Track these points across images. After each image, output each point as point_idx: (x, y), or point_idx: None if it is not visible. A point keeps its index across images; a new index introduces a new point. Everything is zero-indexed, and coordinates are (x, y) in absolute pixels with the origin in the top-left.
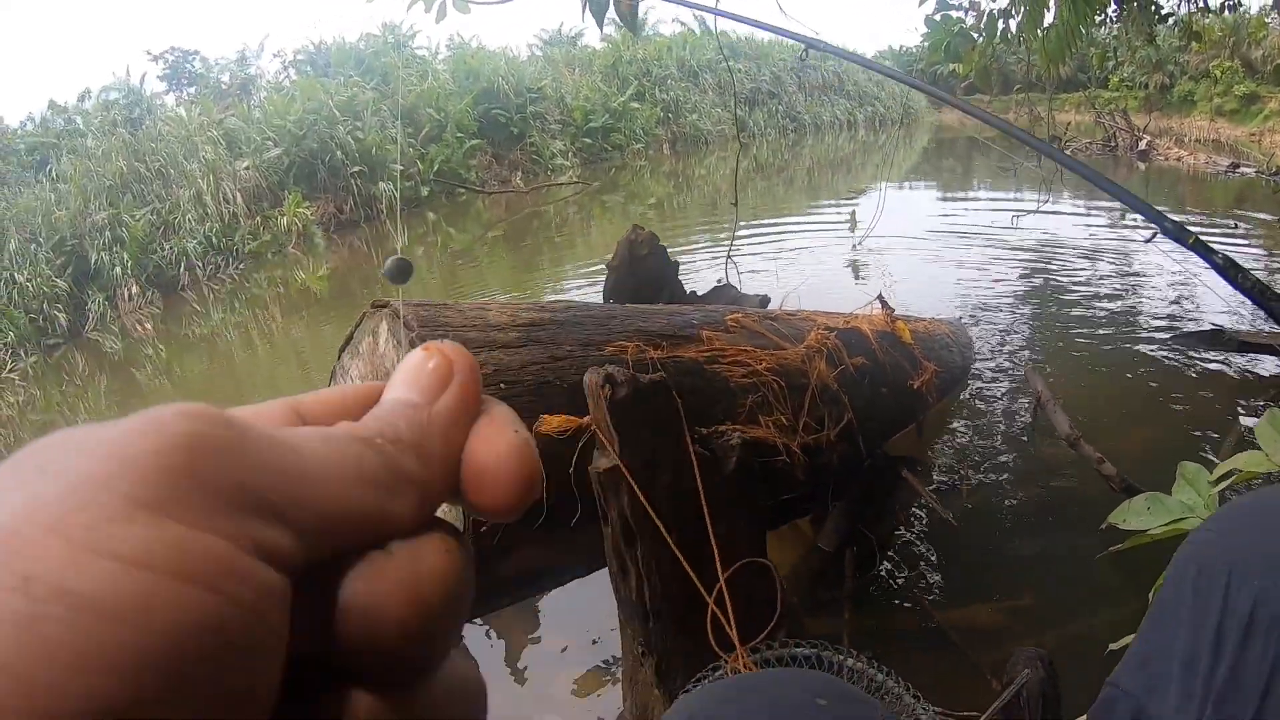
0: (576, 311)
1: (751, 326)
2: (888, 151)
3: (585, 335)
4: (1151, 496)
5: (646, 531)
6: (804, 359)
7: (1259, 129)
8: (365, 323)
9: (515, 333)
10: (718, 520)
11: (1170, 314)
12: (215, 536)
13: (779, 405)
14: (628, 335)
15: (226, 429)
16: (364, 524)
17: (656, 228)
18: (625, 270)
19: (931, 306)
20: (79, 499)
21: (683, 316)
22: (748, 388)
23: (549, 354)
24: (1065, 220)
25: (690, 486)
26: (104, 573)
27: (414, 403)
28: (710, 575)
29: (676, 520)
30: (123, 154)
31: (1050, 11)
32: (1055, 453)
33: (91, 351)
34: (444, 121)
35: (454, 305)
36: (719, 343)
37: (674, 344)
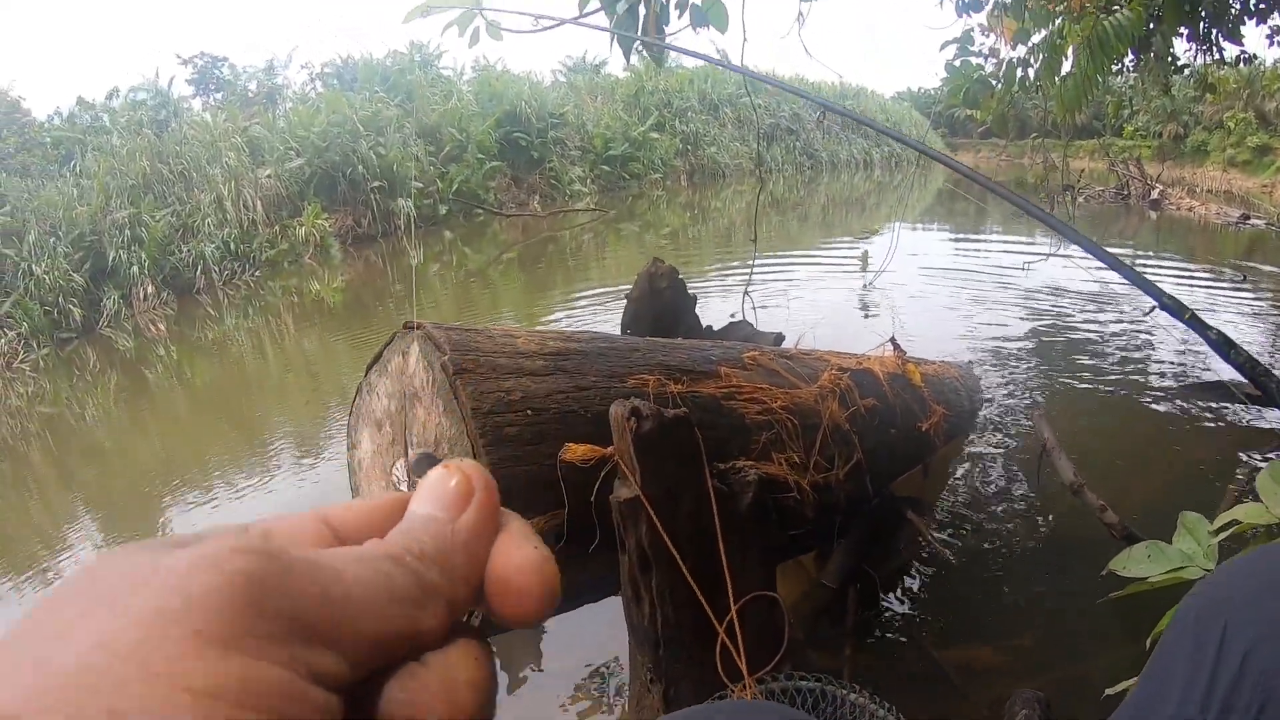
0: (601, 343)
1: (768, 365)
2: (902, 192)
3: (609, 367)
4: (1152, 545)
5: (662, 561)
6: (817, 398)
7: (1271, 181)
8: (396, 342)
9: (543, 361)
10: (731, 553)
11: (1176, 363)
12: (275, 666)
13: (792, 443)
14: (650, 368)
15: (277, 563)
16: (400, 639)
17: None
18: (645, 302)
19: (941, 348)
20: (153, 636)
21: (702, 352)
22: (762, 425)
23: (574, 383)
24: (1075, 266)
25: (707, 519)
26: (182, 705)
27: (438, 518)
28: (721, 606)
29: (691, 551)
30: (147, 154)
31: (1068, 60)
32: (1058, 498)
33: (103, 348)
34: (465, 142)
35: (484, 330)
36: (736, 380)
37: (693, 379)
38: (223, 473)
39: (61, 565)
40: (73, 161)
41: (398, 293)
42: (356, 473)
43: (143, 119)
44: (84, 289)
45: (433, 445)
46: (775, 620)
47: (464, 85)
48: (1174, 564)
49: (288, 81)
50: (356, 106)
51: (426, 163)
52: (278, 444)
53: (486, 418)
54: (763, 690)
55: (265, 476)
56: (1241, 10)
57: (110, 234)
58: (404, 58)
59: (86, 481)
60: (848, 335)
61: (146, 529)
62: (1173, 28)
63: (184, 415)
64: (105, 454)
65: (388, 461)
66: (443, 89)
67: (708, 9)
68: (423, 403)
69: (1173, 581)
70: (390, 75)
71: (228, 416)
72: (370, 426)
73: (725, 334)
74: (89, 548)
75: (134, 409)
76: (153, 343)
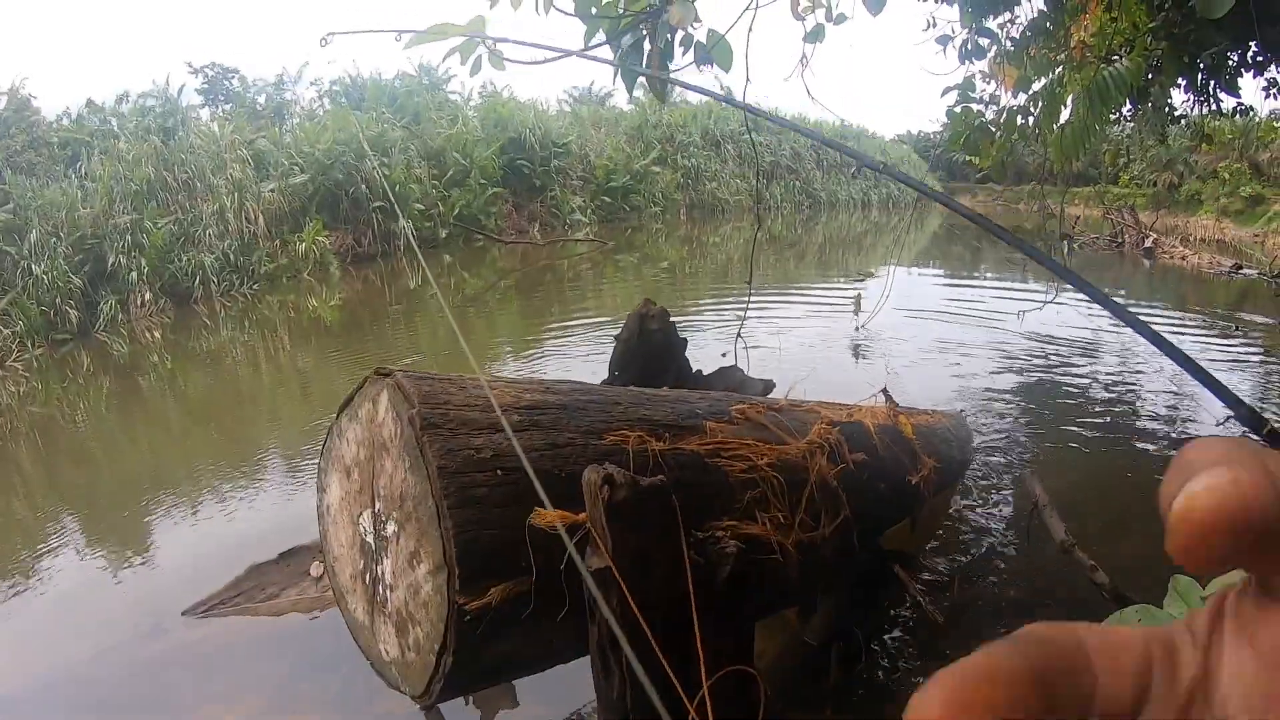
0: (580, 395)
1: (755, 418)
2: (899, 234)
3: (588, 423)
4: (1143, 609)
5: (633, 634)
6: (805, 455)
7: (1263, 230)
8: (367, 388)
9: (517, 415)
10: (706, 626)
11: (1169, 416)
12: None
13: (777, 502)
14: (631, 424)
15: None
16: None
17: (668, 292)
18: (635, 343)
19: (932, 395)
20: None
21: (687, 405)
22: (747, 483)
23: (549, 440)
24: (1069, 314)
25: (681, 591)
26: None
27: None
28: (694, 679)
29: (664, 624)
30: (153, 161)
31: (1067, 109)
32: (1048, 554)
33: (98, 352)
34: (469, 166)
35: (457, 380)
36: (722, 435)
37: (677, 435)
38: (210, 484)
39: (43, 566)
40: (79, 163)
41: (395, 313)
42: (324, 518)
43: (150, 125)
44: (82, 291)
45: (397, 500)
46: (751, 694)
47: (470, 110)
48: None
49: (296, 97)
50: (363, 126)
51: (429, 185)
52: (266, 459)
53: (453, 478)
54: None
55: (252, 491)
56: (1239, 63)
57: (111, 238)
58: (413, 80)
59: (72, 484)
60: (839, 381)
61: (130, 534)
62: (1171, 79)
63: (174, 424)
64: (93, 458)
65: (354, 510)
66: (449, 112)
67: (712, 47)
68: (390, 455)
69: None
70: (398, 96)
71: (218, 428)
72: (339, 472)
73: (715, 379)
74: (70, 550)
75: (125, 415)
76: (147, 350)
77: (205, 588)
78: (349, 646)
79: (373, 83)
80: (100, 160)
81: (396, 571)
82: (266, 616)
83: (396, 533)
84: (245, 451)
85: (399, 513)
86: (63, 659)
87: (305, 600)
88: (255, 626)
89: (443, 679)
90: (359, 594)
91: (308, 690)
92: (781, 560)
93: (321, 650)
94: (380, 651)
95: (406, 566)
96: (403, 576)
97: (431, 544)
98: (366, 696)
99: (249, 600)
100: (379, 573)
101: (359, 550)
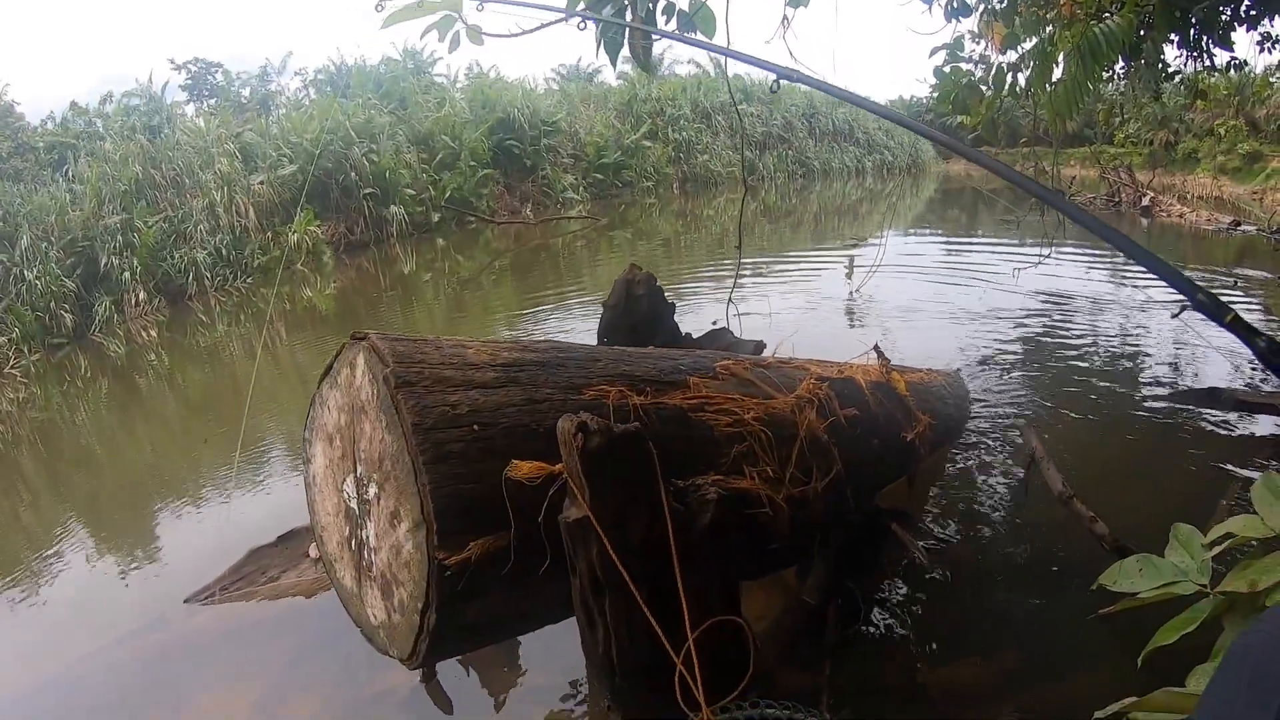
0: (559, 353)
1: (741, 374)
2: (894, 200)
3: (567, 378)
4: (1143, 558)
5: (615, 585)
6: (794, 409)
7: (1261, 187)
8: (344, 353)
9: (494, 372)
10: (689, 576)
11: (1167, 371)
12: None
13: (765, 456)
14: (611, 379)
15: None
16: None
17: (662, 266)
18: (621, 309)
19: (928, 356)
20: None
21: (671, 361)
22: (733, 437)
23: (527, 396)
24: (1066, 273)
25: (662, 540)
26: None
27: None
28: (680, 631)
29: (647, 575)
30: (140, 160)
31: (1059, 67)
32: (1047, 510)
33: (95, 354)
34: (458, 149)
35: (432, 341)
36: (706, 390)
37: (659, 390)
38: (214, 479)
39: (47, 568)
40: (65, 167)
41: (390, 299)
42: (311, 488)
43: (136, 124)
44: (76, 295)
45: (376, 462)
46: (740, 644)
47: (457, 92)
48: (1166, 578)
49: (281, 88)
50: (350, 113)
51: (419, 170)
52: (268, 451)
53: (428, 434)
54: (725, 719)
55: (256, 484)
56: (1232, 17)
57: (102, 239)
58: (398, 64)
59: (76, 487)
60: (831, 341)
61: (132, 531)
62: (1163, 34)
63: (175, 421)
64: (96, 460)
65: (339, 477)
66: (436, 96)
67: (694, 13)
68: (369, 417)
69: (1165, 597)
70: (384, 82)
71: (219, 423)
72: (323, 441)
73: (705, 342)
74: (73, 551)
75: (125, 415)
76: (144, 349)
77: (207, 577)
78: (349, 625)
79: (357, 69)
80: (87, 162)
81: (379, 534)
82: (267, 600)
83: (377, 494)
84: (245, 443)
85: (379, 474)
86: (67, 656)
87: (305, 583)
88: (257, 611)
89: (428, 638)
90: (346, 561)
91: (310, 671)
92: (772, 515)
93: (322, 630)
94: (369, 617)
95: (388, 527)
96: (385, 538)
97: (410, 502)
98: (368, 673)
99: (250, 584)
100: (363, 537)
101: (344, 516)
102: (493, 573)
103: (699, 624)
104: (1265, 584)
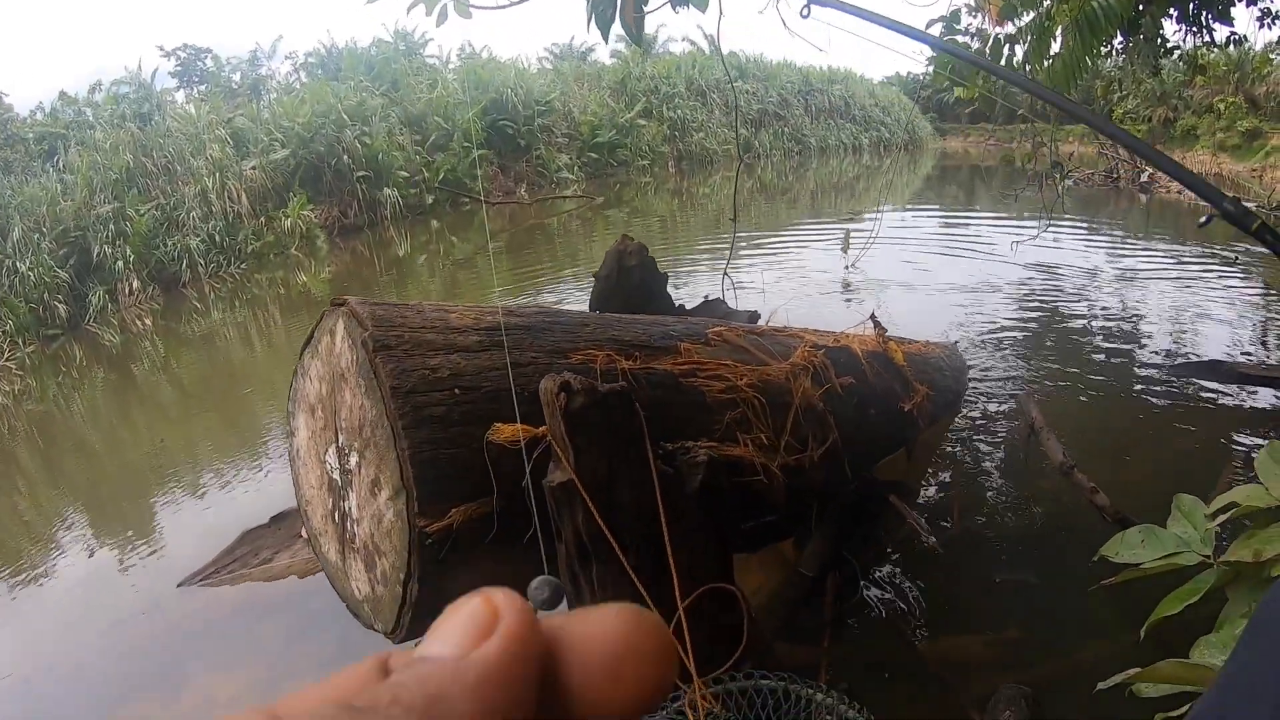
0: (546, 317)
1: (734, 341)
2: (891, 176)
3: (553, 342)
4: (1145, 529)
5: (602, 552)
6: (788, 376)
7: (1260, 164)
8: (324, 321)
9: (477, 336)
10: (679, 542)
11: (1168, 344)
12: None
13: (759, 423)
14: (599, 344)
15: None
16: None
17: (658, 243)
18: (613, 280)
19: (927, 329)
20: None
21: (661, 327)
22: (726, 404)
23: (511, 360)
24: (1065, 246)
25: (651, 505)
26: None
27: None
28: (672, 599)
29: (635, 540)
30: (130, 148)
31: (1056, 41)
32: (1048, 481)
33: (90, 344)
34: (451, 130)
35: (414, 306)
36: (698, 356)
37: (649, 355)
38: (212, 467)
39: (46, 557)
40: (56, 157)
41: (385, 283)
42: (295, 460)
43: (126, 112)
44: (69, 285)
45: (357, 430)
46: (734, 614)
47: (449, 73)
48: (1169, 549)
49: (272, 72)
50: (341, 96)
51: (412, 152)
52: (264, 435)
53: (407, 397)
54: (719, 690)
55: (252, 467)
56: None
57: (95, 229)
58: (389, 46)
59: (75, 478)
60: (827, 313)
61: (130, 518)
62: (1162, 9)
63: (172, 409)
64: (93, 450)
65: (321, 448)
66: (428, 77)
67: None
68: (349, 384)
69: (1168, 568)
70: (375, 64)
71: (216, 410)
72: (305, 412)
73: (699, 313)
74: (72, 540)
75: (121, 404)
76: (139, 337)
77: (202, 560)
78: (341, 605)
79: (349, 51)
80: (78, 152)
81: (361, 504)
82: (261, 582)
83: (358, 463)
84: (241, 429)
85: (359, 442)
86: (65, 642)
87: (299, 562)
88: (251, 593)
89: (410, 609)
90: (330, 534)
91: (304, 652)
92: (766, 483)
93: (316, 611)
94: (353, 590)
95: (369, 496)
96: (366, 507)
97: (390, 468)
98: (365, 652)
99: (244, 566)
100: (346, 508)
101: (327, 488)
102: (476, 540)
103: (690, 592)
104: (1270, 554)
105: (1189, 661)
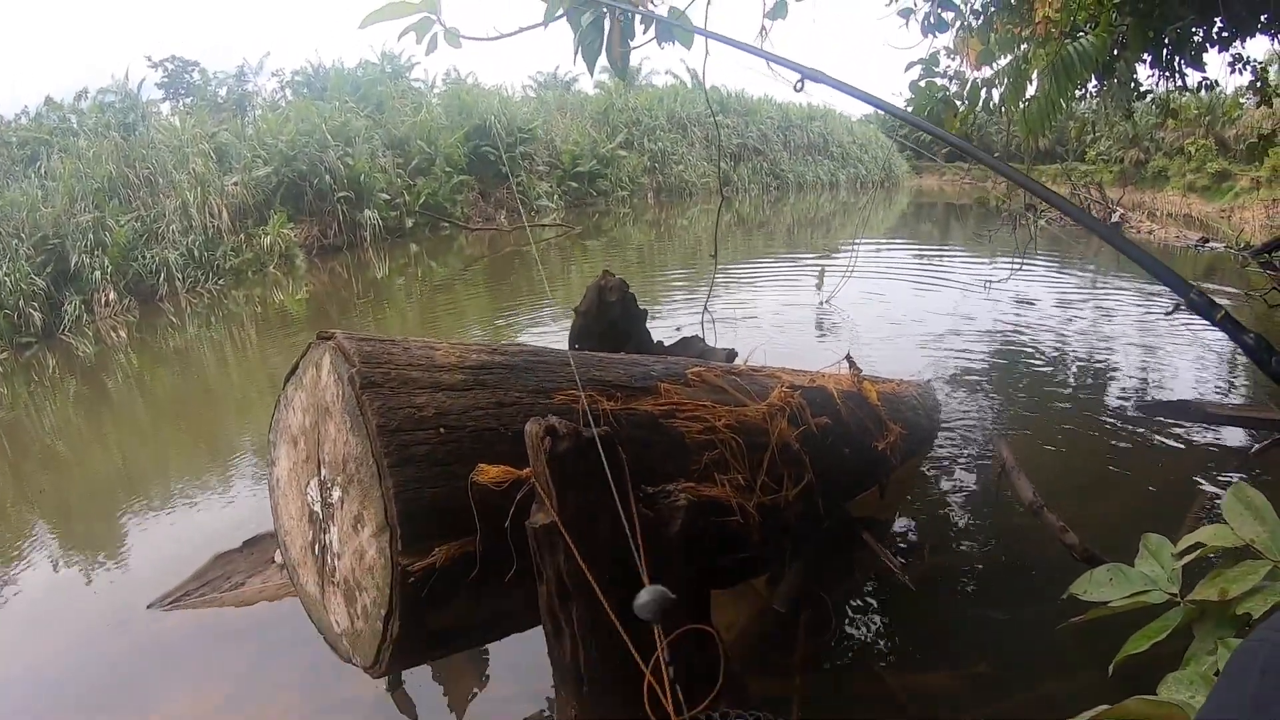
0: (529, 357)
1: (713, 381)
2: (866, 213)
3: (536, 382)
4: (1114, 568)
5: (583, 592)
6: (765, 417)
7: (1229, 205)
8: (310, 353)
9: (462, 375)
10: (658, 583)
11: (1137, 383)
12: None
13: (736, 463)
14: (581, 384)
15: None
16: None
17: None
18: (593, 316)
19: (899, 367)
20: None
21: (642, 367)
22: (704, 444)
23: (495, 399)
24: (1037, 286)
25: (630, 547)
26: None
27: None
28: (649, 640)
29: (615, 582)
30: (113, 158)
31: (1032, 84)
32: (1018, 519)
33: (64, 354)
34: (434, 155)
35: (400, 342)
36: (677, 397)
37: (630, 395)
38: (181, 483)
39: (10, 571)
40: (38, 162)
41: (362, 305)
42: (275, 490)
43: (110, 121)
44: (45, 293)
45: (340, 465)
46: (709, 653)
47: (434, 98)
48: (1136, 587)
49: (258, 88)
50: (326, 116)
51: (394, 174)
52: (237, 456)
53: (393, 435)
54: None
55: (223, 488)
56: (1204, 38)
57: (74, 238)
58: (375, 68)
59: (39, 488)
60: (803, 351)
61: (97, 535)
62: (1136, 53)
63: (143, 424)
64: (62, 461)
65: (303, 480)
66: (413, 100)
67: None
68: (334, 418)
69: (1136, 606)
70: (361, 85)
71: (187, 426)
72: (287, 443)
73: (676, 349)
74: (37, 554)
75: (93, 416)
76: (113, 349)
77: (172, 582)
78: (314, 632)
79: (335, 72)
80: (60, 159)
81: (342, 538)
82: (231, 606)
83: (341, 498)
84: (213, 448)
85: (342, 476)
86: (28, 659)
87: (270, 588)
88: (221, 616)
89: (391, 645)
90: (309, 566)
91: (274, 678)
92: (743, 522)
93: (286, 637)
94: (331, 623)
95: (351, 531)
96: (348, 542)
97: (374, 505)
98: (333, 681)
99: (214, 590)
100: (327, 541)
101: (308, 521)
102: (459, 579)
103: (668, 632)
104: (1236, 592)
105: (1156, 699)
